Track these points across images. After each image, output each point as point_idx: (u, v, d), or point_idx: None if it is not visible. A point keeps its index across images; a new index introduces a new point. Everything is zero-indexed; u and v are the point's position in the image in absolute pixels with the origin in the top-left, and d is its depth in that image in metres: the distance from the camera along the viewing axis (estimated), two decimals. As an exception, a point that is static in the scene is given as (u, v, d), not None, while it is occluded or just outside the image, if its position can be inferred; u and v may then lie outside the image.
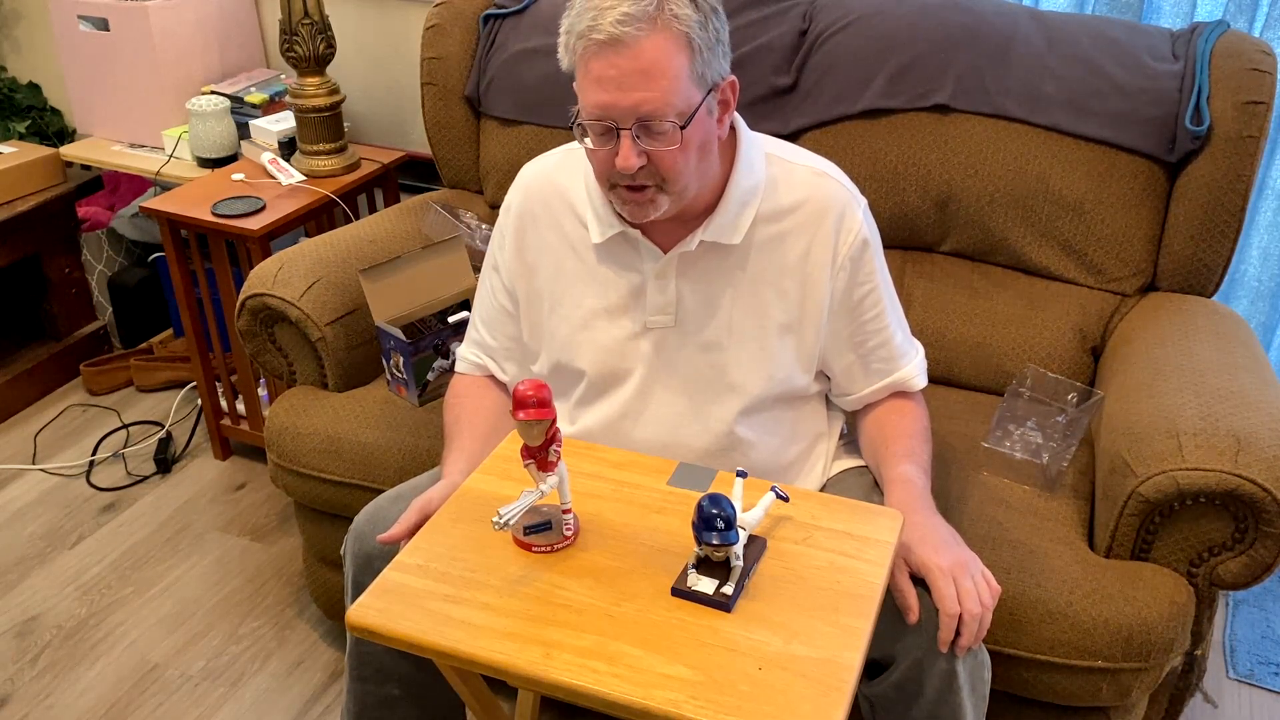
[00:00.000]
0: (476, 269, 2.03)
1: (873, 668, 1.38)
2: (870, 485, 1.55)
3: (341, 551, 1.49)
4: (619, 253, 1.46)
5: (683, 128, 1.28)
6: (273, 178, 2.44)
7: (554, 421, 1.17)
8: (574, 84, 1.33)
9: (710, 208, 1.41)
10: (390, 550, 1.34)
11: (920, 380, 1.55)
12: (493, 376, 1.63)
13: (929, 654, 1.30)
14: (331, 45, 2.36)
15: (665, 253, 1.43)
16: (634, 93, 1.25)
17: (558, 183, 1.50)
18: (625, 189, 1.33)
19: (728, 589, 1.14)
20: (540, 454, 1.18)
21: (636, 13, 1.24)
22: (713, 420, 1.47)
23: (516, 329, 1.58)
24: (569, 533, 1.22)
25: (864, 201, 1.47)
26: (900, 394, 1.54)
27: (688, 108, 1.29)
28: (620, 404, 1.50)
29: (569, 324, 1.50)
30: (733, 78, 1.36)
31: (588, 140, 1.32)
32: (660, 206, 1.34)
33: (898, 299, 1.54)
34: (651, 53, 1.25)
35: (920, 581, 1.31)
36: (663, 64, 1.26)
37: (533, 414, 1.14)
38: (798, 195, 1.43)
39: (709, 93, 1.32)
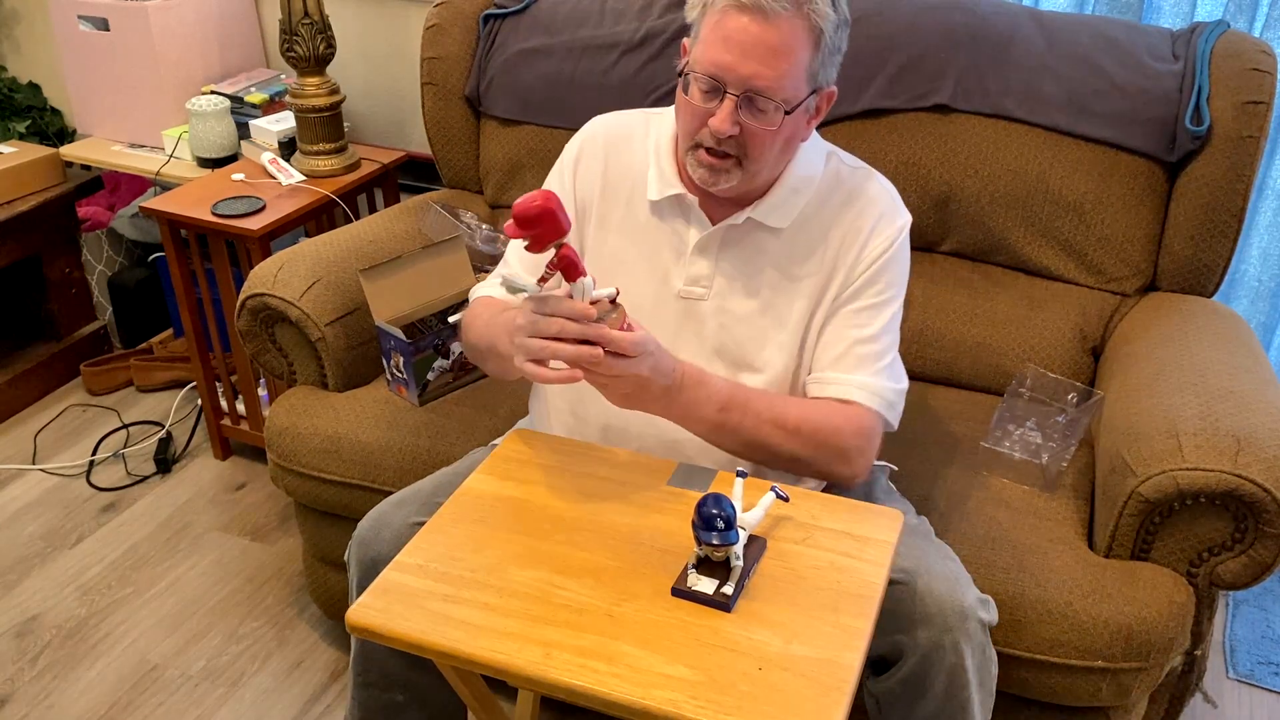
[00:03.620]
0: (476, 269, 2.03)
1: (878, 664, 1.38)
2: (870, 485, 1.55)
3: (345, 557, 1.49)
4: (669, 214, 1.47)
5: (786, 113, 1.31)
6: (273, 178, 2.44)
7: (562, 243, 1.18)
8: (690, 35, 1.35)
9: (764, 191, 1.43)
10: (392, 555, 1.34)
11: (865, 400, 1.41)
12: None
13: (936, 649, 1.30)
14: (331, 45, 2.36)
15: (713, 224, 1.44)
16: (755, 64, 1.28)
17: (627, 132, 1.52)
18: (707, 152, 1.35)
19: (728, 589, 1.14)
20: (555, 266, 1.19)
21: None
22: None
23: None
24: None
25: (908, 219, 1.46)
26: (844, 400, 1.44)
27: (795, 97, 1.31)
28: None
29: (605, 269, 1.49)
30: (834, 89, 1.38)
31: (687, 94, 1.33)
32: (732, 180, 1.36)
33: (898, 333, 1.48)
34: (785, 33, 1.27)
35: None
36: (791, 48, 1.28)
37: (518, 232, 1.15)
38: (847, 195, 1.45)
39: (813, 93, 1.34)
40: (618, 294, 1.25)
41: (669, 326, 1.47)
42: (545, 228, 1.16)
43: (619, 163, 1.51)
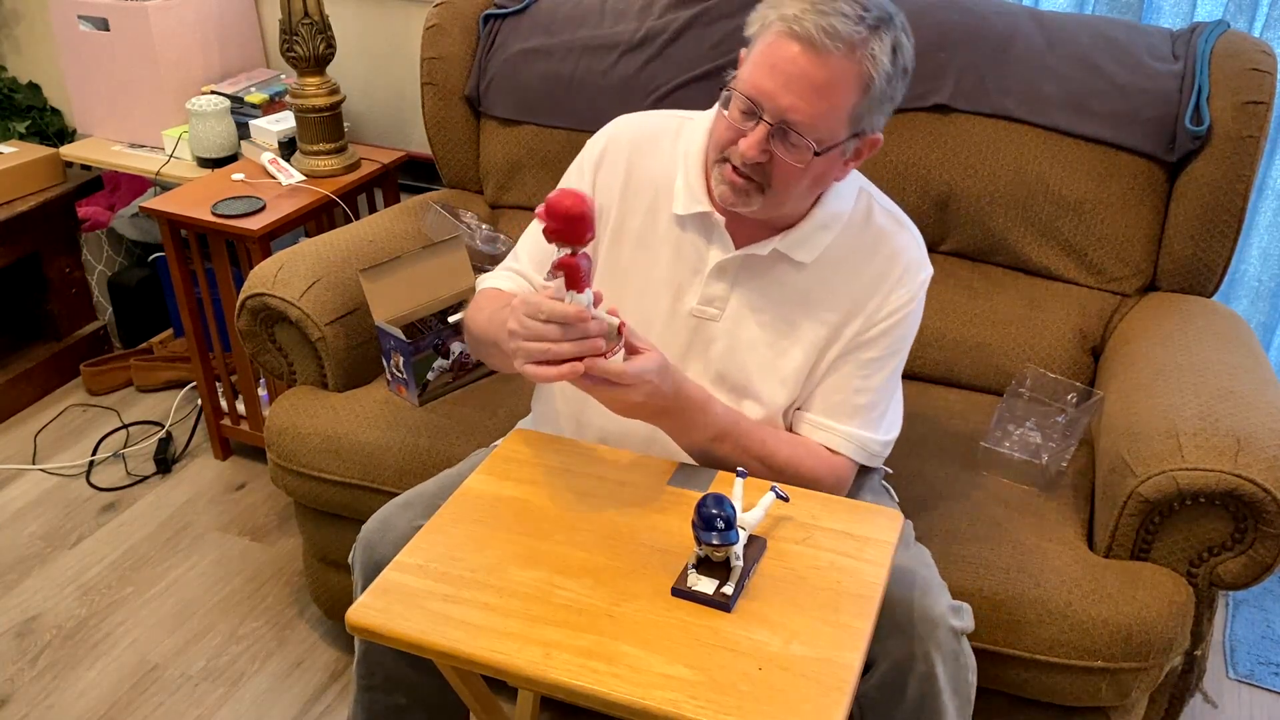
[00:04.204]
0: (476, 269, 2.03)
1: None
2: (868, 486, 1.55)
3: (349, 560, 1.48)
4: (692, 230, 1.43)
5: (817, 153, 1.27)
6: (273, 178, 2.44)
7: (577, 250, 1.17)
8: (747, 48, 1.32)
9: (793, 221, 1.40)
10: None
11: (850, 453, 1.42)
12: None
13: (907, 657, 1.31)
14: (331, 45, 2.36)
15: (736, 248, 1.41)
16: (794, 97, 1.25)
17: (655, 136, 1.47)
18: (733, 169, 1.32)
19: (728, 589, 1.14)
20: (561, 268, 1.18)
21: (844, 32, 1.23)
22: None
23: None
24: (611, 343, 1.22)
25: (930, 273, 1.44)
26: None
27: (831, 139, 1.28)
28: None
29: (618, 278, 1.46)
30: (879, 136, 1.35)
31: (726, 108, 1.31)
32: (753, 205, 1.33)
33: (899, 381, 1.48)
34: (833, 73, 1.24)
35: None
36: (835, 90, 1.25)
37: (544, 218, 1.14)
38: (875, 239, 1.41)
39: (854, 137, 1.31)
40: (622, 326, 1.24)
41: (678, 342, 1.45)
42: (561, 227, 1.16)
43: (643, 168, 1.47)
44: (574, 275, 1.19)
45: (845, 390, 1.42)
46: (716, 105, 1.43)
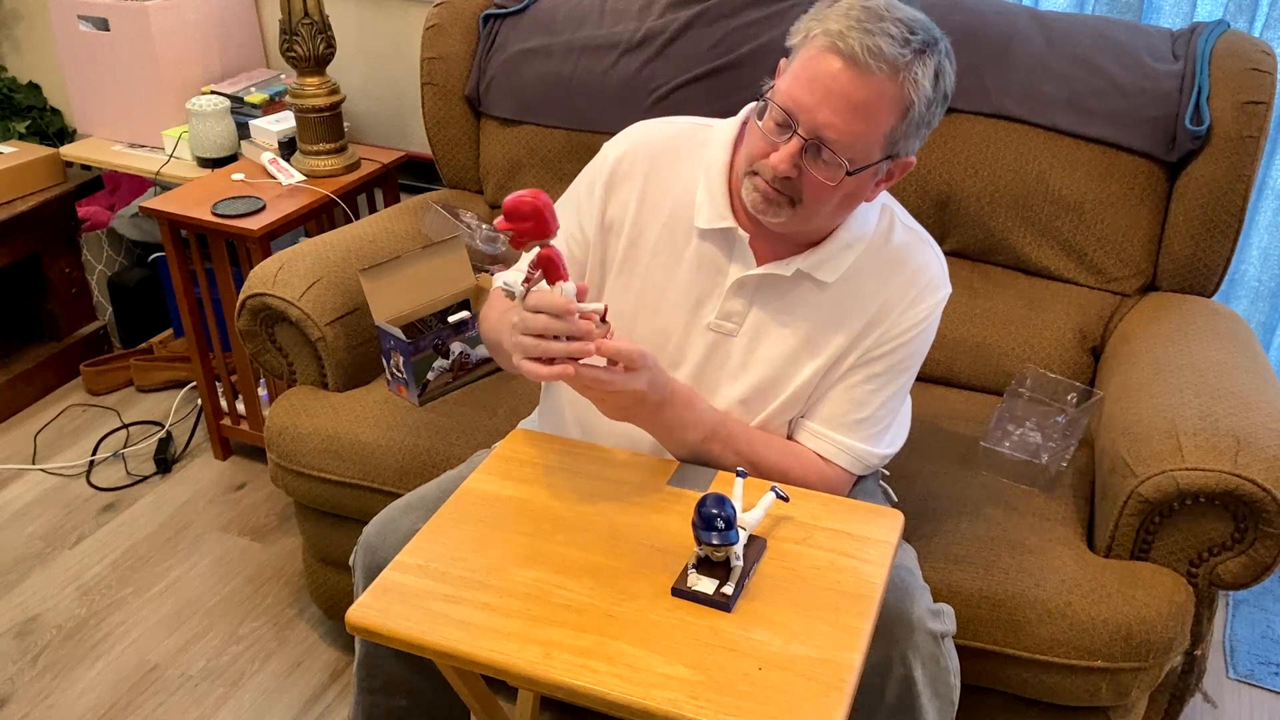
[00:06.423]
0: (476, 269, 2.03)
1: None
2: (864, 488, 1.55)
3: (350, 562, 1.48)
4: (714, 244, 1.41)
5: (849, 173, 1.26)
6: (273, 178, 2.44)
7: (545, 243, 1.18)
8: (787, 59, 1.29)
9: (818, 238, 1.38)
10: None
11: (846, 465, 1.42)
12: None
13: (884, 661, 1.31)
14: (331, 45, 2.36)
15: (759, 264, 1.39)
16: (830, 113, 1.23)
17: (673, 147, 1.44)
18: (764, 181, 1.30)
19: (728, 589, 1.14)
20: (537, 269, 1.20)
21: (889, 54, 1.21)
22: None
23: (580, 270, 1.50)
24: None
25: (948, 292, 1.43)
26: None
27: (865, 160, 1.26)
28: None
29: (633, 290, 1.44)
30: (912, 159, 1.33)
31: (761, 119, 1.29)
32: (781, 216, 1.31)
33: (907, 396, 1.47)
34: (873, 93, 1.22)
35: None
36: (874, 110, 1.23)
37: (505, 225, 1.16)
38: (895, 257, 1.40)
39: (887, 159, 1.29)
40: (606, 311, 1.24)
41: (695, 356, 1.43)
42: (531, 225, 1.16)
43: (661, 180, 1.43)
44: (556, 266, 1.20)
45: (849, 402, 1.41)
46: (740, 114, 1.41)
